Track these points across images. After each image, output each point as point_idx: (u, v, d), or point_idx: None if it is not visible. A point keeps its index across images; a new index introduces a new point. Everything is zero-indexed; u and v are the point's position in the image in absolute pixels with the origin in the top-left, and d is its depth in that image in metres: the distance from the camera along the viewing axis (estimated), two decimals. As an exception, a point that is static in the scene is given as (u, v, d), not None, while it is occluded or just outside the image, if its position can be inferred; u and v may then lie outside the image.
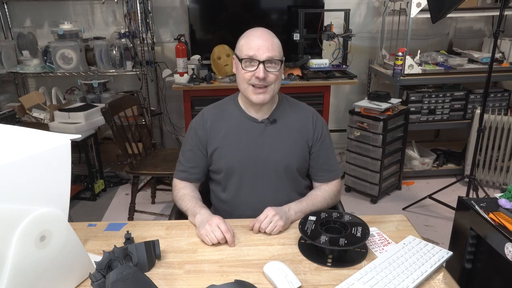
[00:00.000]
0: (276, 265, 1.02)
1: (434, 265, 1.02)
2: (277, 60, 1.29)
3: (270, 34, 1.31)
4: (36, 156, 0.86)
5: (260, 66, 1.26)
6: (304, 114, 1.43)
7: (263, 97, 1.30)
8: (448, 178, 3.23)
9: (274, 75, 1.29)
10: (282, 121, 1.39)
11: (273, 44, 1.28)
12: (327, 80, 2.97)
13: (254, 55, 1.26)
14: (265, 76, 1.27)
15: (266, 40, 1.27)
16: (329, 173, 1.43)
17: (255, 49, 1.26)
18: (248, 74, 1.28)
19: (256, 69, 1.27)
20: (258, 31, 1.31)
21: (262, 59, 1.26)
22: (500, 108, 3.22)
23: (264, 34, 1.30)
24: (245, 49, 1.28)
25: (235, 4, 3.32)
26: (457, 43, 3.64)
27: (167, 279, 1.02)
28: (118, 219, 2.69)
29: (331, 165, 1.44)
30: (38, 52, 3.22)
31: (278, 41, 1.32)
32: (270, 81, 1.29)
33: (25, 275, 0.85)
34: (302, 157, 1.40)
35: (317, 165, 1.43)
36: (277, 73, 1.30)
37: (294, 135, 1.39)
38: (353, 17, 3.47)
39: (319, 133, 1.41)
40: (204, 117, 1.41)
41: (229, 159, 1.37)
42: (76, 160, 3.11)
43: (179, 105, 3.49)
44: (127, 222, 1.29)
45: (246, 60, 1.28)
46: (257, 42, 1.27)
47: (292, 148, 1.38)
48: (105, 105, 2.37)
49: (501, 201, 1.32)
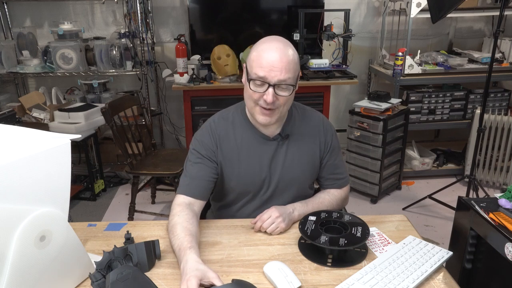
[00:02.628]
0: (276, 265, 1.02)
1: (434, 265, 1.02)
2: (289, 84, 1.16)
3: (286, 48, 1.15)
4: (36, 156, 0.86)
5: (269, 90, 1.14)
6: (313, 124, 1.35)
7: (270, 119, 1.20)
8: (448, 178, 3.23)
9: (284, 99, 1.17)
10: (294, 136, 1.32)
11: (287, 64, 1.13)
12: (327, 80, 2.96)
13: (265, 77, 1.13)
14: (274, 100, 1.15)
15: (280, 59, 1.13)
16: (338, 180, 1.40)
17: (266, 70, 1.13)
18: (256, 94, 1.17)
19: (265, 91, 1.15)
20: (272, 45, 1.15)
21: (273, 83, 1.13)
22: (500, 108, 3.22)
23: (279, 50, 1.14)
24: (255, 67, 1.15)
25: (235, 4, 3.32)
26: (457, 43, 3.64)
27: (167, 279, 1.02)
28: (118, 219, 2.69)
29: (340, 172, 1.40)
30: (38, 52, 3.22)
31: (295, 56, 1.17)
32: (279, 105, 1.18)
33: (25, 275, 0.85)
34: (314, 171, 1.37)
35: (326, 174, 1.39)
36: (288, 97, 1.18)
37: (306, 150, 1.33)
38: (353, 17, 3.46)
39: (329, 143, 1.36)
40: (212, 129, 1.30)
41: (241, 181, 1.31)
42: (76, 160, 3.11)
43: (179, 105, 3.49)
44: (127, 222, 1.29)
45: (255, 80, 1.15)
46: (269, 61, 1.13)
47: (304, 165, 1.33)
48: (105, 105, 2.37)
49: (501, 201, 1.32)
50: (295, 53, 1.19)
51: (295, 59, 1.17)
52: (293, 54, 1.17)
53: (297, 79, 1.20)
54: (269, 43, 1.17)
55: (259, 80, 1.15)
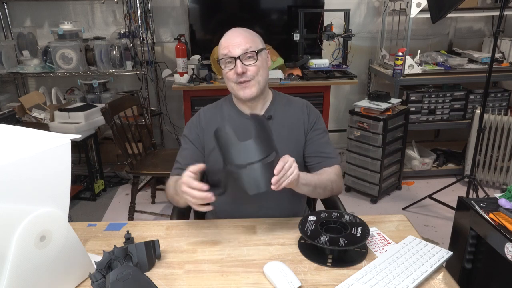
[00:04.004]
0: (276, 265, 1.02)
1: (434, 265, 1.02)
2: (253, 51, 1.26)
3: (243, 30, 1.30)
4: (36, 156, 0.86)
5: (237, 62, 1.25)
6: (297, 107, 1.42)
7: (250, 92, 1.29)
8: (448, 178, 3.23)
9: (254, 67, 1.27)
10: (277, 118, 1.38)
11: (245, 38, 1.27)
12: (327, 80, 2.97)
13: (229, 52, 1.26)
14: (244, 70, 1.26)
15: (237, 36, 1.27)
16: (326, 159, 1.37)
17: (227, 47, 1.26)
18: (229, 73, 1.28)
19: (234, 66, 1.26)
20: (231, 30, 1.31)
21: (237, 55, 1.25)
22: (500, 108, 3.22)
23: (236, 30, 1.30)
24: (220, 49, 1.29)
25: (235, 4, 3.32)
26: (457, 43, 3.64)
27: (167, 279, 1.02)
28: (118, 219, 2.69)
29: (327, 152, 1.38)
30: (38, 52, 3.22)
31: (252, 33, 1.31)
32: (252, 74, 1.27)
33: (25, 275, 0.85)
34: (299, 152, 1.38)
35: (313, 153, 1.38)
36: (257, 64, 1.27)
37: (290, 131, 1.37)
38: (353, 17, 3.46)
39: (312, 122, 1.39)
40: (200, 116, 1.41)
41: None
42: (76, 160, 3.11)
43: (179, 105, 3.49)
44: (127, 222, 1.29)
45: (223, 59, 1.28)
46: (229, 41, 1.27)
47: (289, 144, 1.35)
48: (105, 105, 2.37)
49: (501, 201, 1.33)
50: (255, 34, 1.32)
51: (253, 35, 1.30)
52: (252, 32, 1.31)
53: (262, 50, 1.30)
54: (230, 31, 1.31)
55: (225, 58, 1.27)
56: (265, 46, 1.34)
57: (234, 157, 1.06)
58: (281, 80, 2.88)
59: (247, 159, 1.05)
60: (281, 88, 2.77)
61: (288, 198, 1.36)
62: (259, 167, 1.05)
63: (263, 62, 1.31)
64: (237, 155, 1.06)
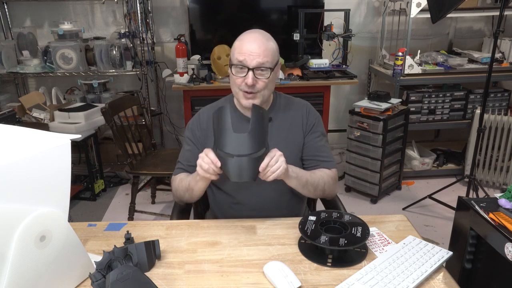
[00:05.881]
0: (276, 265, 1.02)
1: (434, 265, 1.02)
2: (268, 67, 1.25)
3: (265, 38, 1.26)
4: (36, 156, 0.86)
5: (249, 73, 1.23)
6: (297, 109, 1.41)
7: (252, 102, 1.27)
8: (448, 178, 3.23)
9: (263, 82, 1.26)
10: (277, 120, 1.38)
11: (265, 50, 1.23)
12: (327, 80, 2.97)
13: (244, 61, 1.23)
14: (254, 83, 1.24)
15: (258, 46, 1.23)
16: (322, 162, 1.37)
17: (245, 55, 1.23)
18: (238, 79, 1.26)
19: (245, 76, 1.24)
20: (252, 34, 1.26)
21: (252, 66, 1.23)
22: (500, 108, 3.22)
23: (258, 38, 1.25)
24: (236, 53, 1.25)
25: (235, 4, 3.32)
26: (457, 43, 3.64)
27: (167, 279, 1.02)
28: (118, 219, 2.69)
29: (324, 156, 1.38)
30: (38, 52, 3.22)
31: (273, 45, 1.28)
32: (260, 87, 1.26)
33: (25, 275, 0.85)
34: (298, 154, 1.39)
35: (309, 156, 1.38)
36: (267, 80, 1.26)
37: (289, 133, 1.38)
38: (353, 17, 3.47)
39: (311, 124, 1.40)
40: (201, 117, 1.40)
41: None
42: (76, 160, 3.11)
43: (179, 105, 3.50)
44: (127, 222, 1.29)
45: (236, 65, 1.25)
46: (248, 47, 1.23)
47: (288, 147, 1.35)
48: (105, 105, 2.37)
49: (501, 201, 1.33)
50: (274, 44, 1.29)
51: (273, 48, 1.27)
52: (272, 44, 1.28)
53: (276, 65, 1.29)
54: (249, 33, 1.28)
55: (239, 65, 1.24)
56: (279, 57, 1.32)
57: (226, 144, 1.11)
58: (281, 80, 2.88)
59: (237, 150, 1.10)
60: (281, 88, 2.78)
61: (288, 199, 1.36)
62: (246, 160, 1.10)
63: (274, 76, 1.30)
64: (228, 144, 1.11)
